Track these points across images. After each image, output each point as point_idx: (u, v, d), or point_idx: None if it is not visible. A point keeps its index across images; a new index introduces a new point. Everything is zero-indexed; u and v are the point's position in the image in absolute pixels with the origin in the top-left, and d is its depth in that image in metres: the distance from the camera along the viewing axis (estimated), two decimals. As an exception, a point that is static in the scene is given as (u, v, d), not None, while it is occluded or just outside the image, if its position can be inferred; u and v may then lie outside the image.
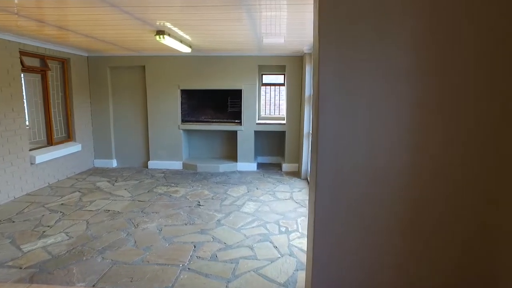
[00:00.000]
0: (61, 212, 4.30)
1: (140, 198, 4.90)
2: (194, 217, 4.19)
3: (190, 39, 4.75)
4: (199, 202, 4.76)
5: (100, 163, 6.90)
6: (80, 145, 6.27)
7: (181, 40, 4.63)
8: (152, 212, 4.32)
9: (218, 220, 4.09)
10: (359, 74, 1.81)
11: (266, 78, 7.55)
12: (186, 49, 5.10)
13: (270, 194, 5.20)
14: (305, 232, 3.77)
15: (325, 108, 1.86)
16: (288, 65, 6.51)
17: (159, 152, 6.82)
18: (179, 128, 6.76)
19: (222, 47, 5.69)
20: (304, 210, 4.48)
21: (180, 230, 3.80)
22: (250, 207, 4.60)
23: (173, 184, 5.65)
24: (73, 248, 3.30)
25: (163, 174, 6.33)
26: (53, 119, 5.73)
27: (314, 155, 1.97)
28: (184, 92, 6.78)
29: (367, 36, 1.77)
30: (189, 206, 4.57)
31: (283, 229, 3.87)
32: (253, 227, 3.91)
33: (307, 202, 4.83)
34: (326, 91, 1.86)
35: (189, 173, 6.43)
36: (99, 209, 4.41)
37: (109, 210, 4.38)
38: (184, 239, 3.58)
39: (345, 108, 1.85)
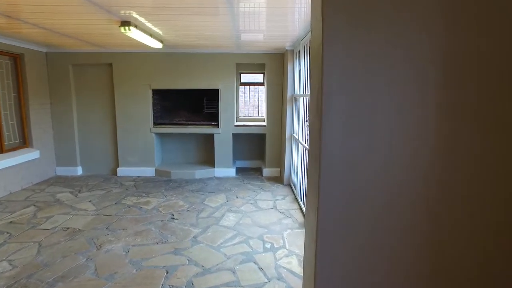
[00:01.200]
0: (7, 233, 3.69)
1: (106, 211, 4.34)
2: (167, 233, 3.70)
3: (161, 33, 4.25)
4: (173, 215, 4.27)
5: (62, 171, 6.24)
6: (38, 151, 5.61)
7: (151, 34, 4.12)
8: (119, 229, 3.79)
9: (195, 237, 3.62)
10: (374, 71, 1.41)
11: (245, 77, 7.13)
12: (157, 45, 4.59)
13: (251, 203, 4.78)
14: (293, 250, 3.37)
15: (330, 114, 1.45)
16: (268, 63, 6.11)
17: (129, 158, 6.25)
18: (151, 132, 6.21)
19: (197, 43, 5.21)
20: (290, 222, 4.09)
21: (151, 250, 3.31)
22: (230, 219, 4.16)
23: (144, 194, 5.11)
24: (15, 282, 2.72)
25: (133, 182, 5.77)
26: (3, 123, 5.05)
27: (315, 168, 1.56)
28: (156, 93, 6.24)
29: (385, 21, 1.37)
30: (162, 220, 4.07)
31: (268, 246, 3.45)
32: (234, 244, 3.47)
33: (292, 211, 4.44)
34: (331, 91, 1.45)
35: (162, 181, 5.90)
36: (56, 227, 3.83)
37: (68, 228, 3.81)
38: (155, 262, 3.09)
39: (355, 113, 1.45)
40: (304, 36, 4.29)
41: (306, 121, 3.92)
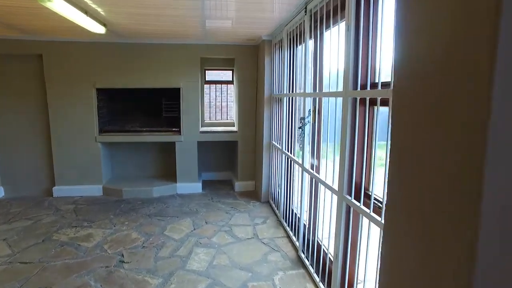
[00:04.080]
0: None
1: (26, 256, 3.16)
2: (112, 290, 2.63)
3: (100, 11, 3.15)
4: (122, 255, 3.18)
5: (-22, 193, 4.87)
6: None
7: (86, 11, 3.01)
8: None
9: (153, 294, 2.59)
10: None
11: (211, 75, 6.13)
12: (98, 28, 3.47)
13: (225, 231, 3.80)
14: (292, 306, 2.45)
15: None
16: (239, 57, 5.16)
17: (68, 174, 5.00)
18: (96, 141, 5.02)
19: (152, 30, 4.14)
20: (279, 258, 3.17)
21: (86, 324, 2.24)
22: (200, 258, 3.15)
23: (86, 223, 3.95)
24: None
25: (73, 206, 4.56)
26: None
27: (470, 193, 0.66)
28: (103, 93, 5.06)
29: None
30: (107, 267, 2.97)
31: (256, 302, 2.51)
32: (209, 303, 2.48)
33: (278, 242, 3.52)
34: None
35: (111, 202, 4.74)
36: None
37: (-38, 289, 2.62)
38: None
39: None
40: (290, 20, 3.40)
41: (300, 127, 3.02)
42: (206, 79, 6.00)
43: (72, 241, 3.45)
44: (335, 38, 2.27)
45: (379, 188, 1.84)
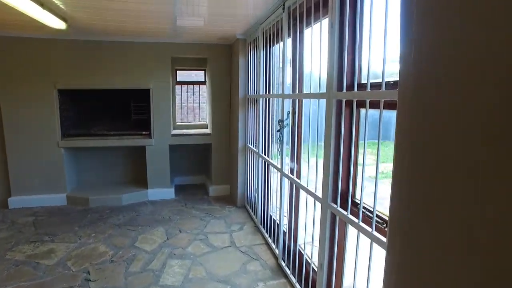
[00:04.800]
0: None
1: (-22, 276, 2.83)
2: (76, 313, 2.38)
3: (59, 4, 2.86)
4: (88, 272, 2.91)
5: None
6: None
7: (42, 4, 2.71)
8: (-6, 313, 2.36)
9: (122, 316, 2.36)
10: None
11: (182, 75, 5.89)
12: (57, 23, 3.17)
13: (200, 239, 3.60)
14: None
15: None
16: (212, 57, 4.96)
17: (26, 183, 4.60)
18: (58, 146, 4.65)
19: (118, 27, 3.87)
20: (259, 267, 3.01)
21: None
22: (174, 272, 2.94)
23: (47, 237, 3.62)
24: None
25: (32, 218, 4.19)
26: None
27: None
28: (65, 94, 4.69)
29: None
30: (70, 287, 2.70)
31: (236, 318, 2.34)
32: (185, 323, 2.29)
33: (256, 249, 3.37)
34: None
35: (76, 212, 4.40)
36: None
37: None
38: None
39: None
40: (266, 18, 3.25)
41: (278, 130, 2.88)
42: (178, 80, 5.75)
43: (29, 260, 3.13)
44: (317, 36, 2.15)
45: (367, 197, 1.73)
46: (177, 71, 5.72)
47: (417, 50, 0.77)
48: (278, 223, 3.16)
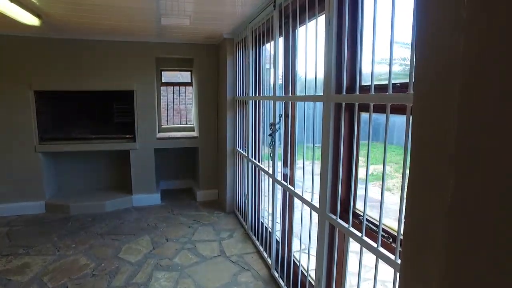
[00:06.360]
0: None
1: None
2: (52, 336, 2.17)
3: None
4: (67, 289, 2.71)
5: None
6: None
7: (12, -1, 2.50)
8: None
9: (104, 338, 2.17)
10: None
11: (167, 76, 5.69)
12: (28, 19, 2.94)
13: (188, 249, 3.42)
14: None
15: None
16: (198, 57, 4.78)
17: (1, 190, 4.32)
18: (36, 151, 4.39)
19: (98, 25, 3.65)
20: (250, 279, 2.86)
21: None
22: (161, 286, 2.76)
23: (21, 250, 3.38)
24: None
25: (6, 228, 3.93)
26: None
27: None
28: (43, 96, 4.43)
29: None
30: (46, 306, 2.49)
31: (228, 337, 2.18)
32: None
33: (247, 258, 3.21)
34: None
35: (55, 220, 4.16)
36: None
37: None
38: None
39: None
40: (256, 16, 3.10)
41: (270, 134, 2.73)
42: (163, 81, 5.55)
43: (0, 276, 2.89)
44: (312, 34, 2.01)
45: (369, 207, 1.60)
46: (162, 72, 5.51)
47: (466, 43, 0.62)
48: (270, 231, 3.01)
